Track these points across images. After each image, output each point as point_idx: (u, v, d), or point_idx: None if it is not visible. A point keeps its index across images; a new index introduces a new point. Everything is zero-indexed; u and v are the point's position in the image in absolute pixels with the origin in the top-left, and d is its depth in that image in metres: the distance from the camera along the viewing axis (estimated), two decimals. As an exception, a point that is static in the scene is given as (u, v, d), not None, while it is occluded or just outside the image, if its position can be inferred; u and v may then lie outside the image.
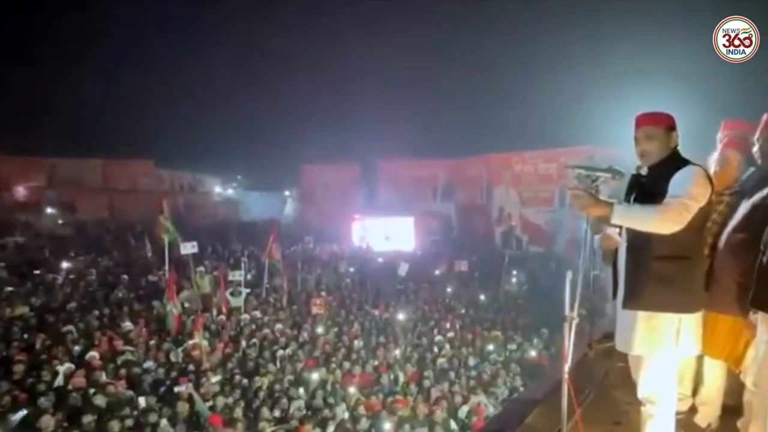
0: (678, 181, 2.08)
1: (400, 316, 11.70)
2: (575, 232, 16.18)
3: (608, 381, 3.46)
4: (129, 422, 5.70)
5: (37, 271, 11.86)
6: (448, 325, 11.62)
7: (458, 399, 7.53)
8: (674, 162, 2.17)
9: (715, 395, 2.64)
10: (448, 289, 14.97)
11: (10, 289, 10.31)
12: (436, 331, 11.19)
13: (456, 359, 9.51)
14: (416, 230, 22.80)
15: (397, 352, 9.72)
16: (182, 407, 6.26)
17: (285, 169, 29.43)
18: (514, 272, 16.15)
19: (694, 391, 2.74)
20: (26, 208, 19.28)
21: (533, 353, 10.35)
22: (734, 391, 2.61)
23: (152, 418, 5.93)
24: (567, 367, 2.35)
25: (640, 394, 2.31)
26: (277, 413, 6.68)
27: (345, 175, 26.69)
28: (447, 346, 10.23)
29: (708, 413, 2.65)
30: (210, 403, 6.67)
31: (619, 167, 2.31)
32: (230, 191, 31.51)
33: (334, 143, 28.59)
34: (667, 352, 2.18)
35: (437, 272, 17.01)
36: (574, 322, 2.33)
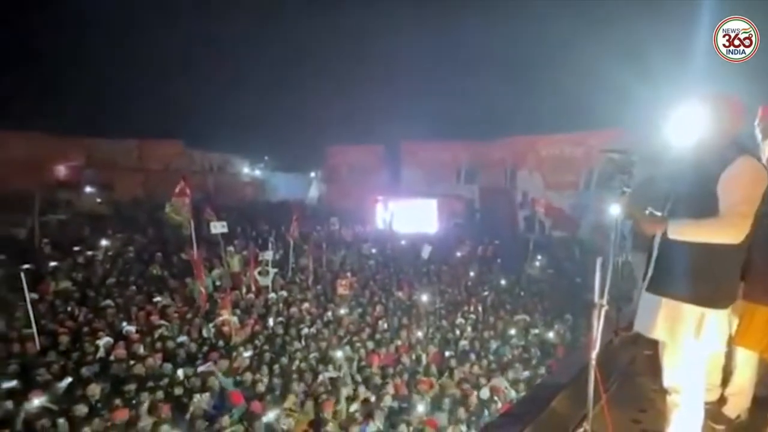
0: (728, 186, 2.04)
1: (424, 298, 11.82)
2: (600, 216, 15.78)
3: (634, 368, 3.46)
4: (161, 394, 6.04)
5: (77, 248, 12.43)
6: (471, 309, 11.68)
7: (480, 381, 7.63)
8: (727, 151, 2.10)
9: (747, 386, 2.62)
10: (471, 273, 14.97)
11: (54, 264, 10.87)
12: (459, 313, 11.28)
13: (477, 342, 9.59)
14: (439, 212, 22.71)
15: (420, 333, 9.87)
16: (212, 382, 6.56)
17: (311, 150, 29.54)
18: (538, 257, 15.97)
19: (724, 381, 2.71)
20: (67, 187, 20.06)
21: (553, 338, 10.31)
22: (765, 382, 2.58)
23: (179, 390, 6.25)
24: (594, 353, 2.37)
25: (665, 382, 2.31)
26: (303, 388, 6.93)
27: (370, 157, 26.67)
28: (468, 329, 10.31)
29: (738, 404, 2.63)
30: (239, 378, 6.98)
31: (647, 150, 2.29)
32: (257, 172, 31.96)
33: (360, 124, 28.52)
34: (687, 343, 2.16)
35: (459, 254, 17.01)
36: (603, 310, 2.35)
